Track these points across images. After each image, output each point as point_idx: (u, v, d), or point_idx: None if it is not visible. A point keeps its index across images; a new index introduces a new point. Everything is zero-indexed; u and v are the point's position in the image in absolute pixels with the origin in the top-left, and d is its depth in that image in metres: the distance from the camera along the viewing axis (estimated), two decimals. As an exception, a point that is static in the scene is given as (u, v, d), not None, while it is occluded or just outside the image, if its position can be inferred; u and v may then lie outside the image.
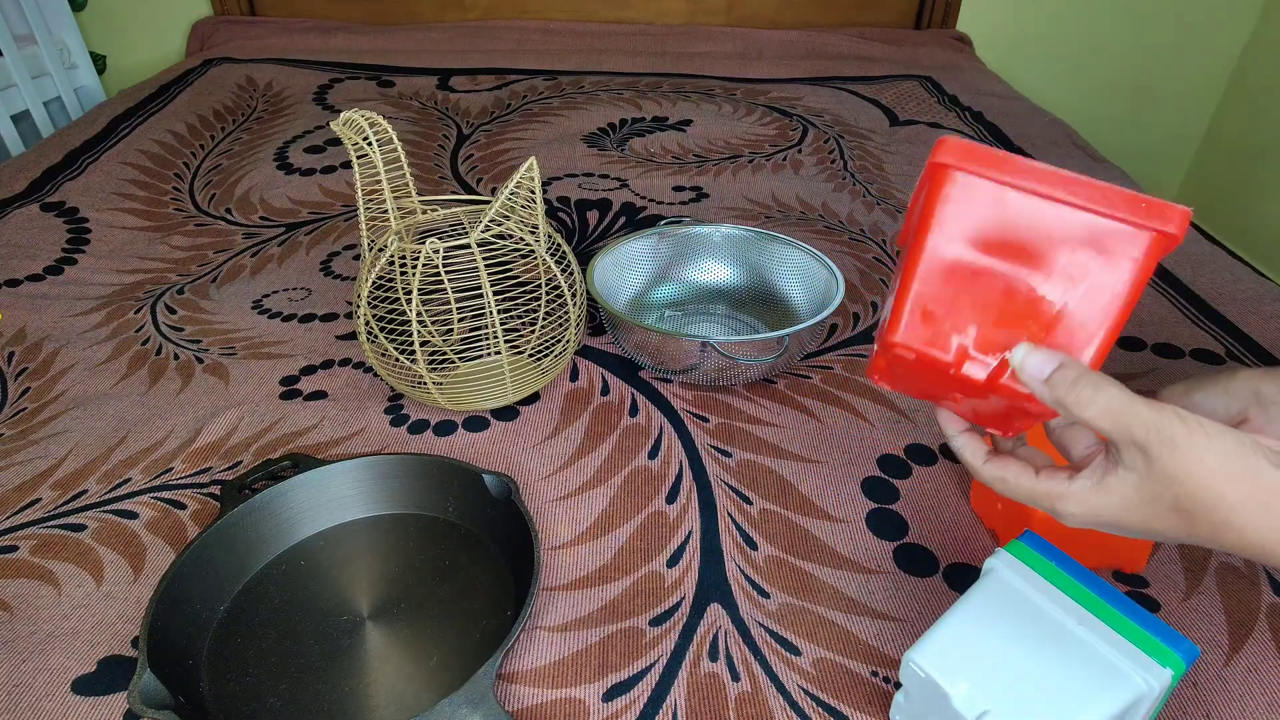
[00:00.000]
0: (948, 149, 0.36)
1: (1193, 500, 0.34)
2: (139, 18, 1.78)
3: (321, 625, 0.55)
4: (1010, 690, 0.41)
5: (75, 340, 0.83)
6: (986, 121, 1.41)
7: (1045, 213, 0.36)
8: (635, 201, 1.10)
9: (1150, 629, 0.43)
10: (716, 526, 0.63)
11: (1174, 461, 0.34)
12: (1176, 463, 0.34)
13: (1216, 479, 0.33)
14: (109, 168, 1.17)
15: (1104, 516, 0.37)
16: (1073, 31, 1.85)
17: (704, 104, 1.44)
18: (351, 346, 0.82)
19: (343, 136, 0.66)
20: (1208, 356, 0.81)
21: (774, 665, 0.53)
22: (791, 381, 0.78)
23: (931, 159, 0.37)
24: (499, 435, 0.71)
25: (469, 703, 0.46)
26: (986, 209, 0.36)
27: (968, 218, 0.37)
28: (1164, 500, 0.35)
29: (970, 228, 0.37)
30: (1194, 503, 0.34)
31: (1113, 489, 0.36)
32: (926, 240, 0.37)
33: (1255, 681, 0.52)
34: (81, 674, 0.52)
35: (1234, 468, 0.33)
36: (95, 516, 0.63)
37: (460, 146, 1.28)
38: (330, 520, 0.62)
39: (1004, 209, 0.36)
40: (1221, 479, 0.33)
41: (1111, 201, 0.35)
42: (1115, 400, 0.35)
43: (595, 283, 0.78)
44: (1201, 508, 0.34)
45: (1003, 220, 0.36)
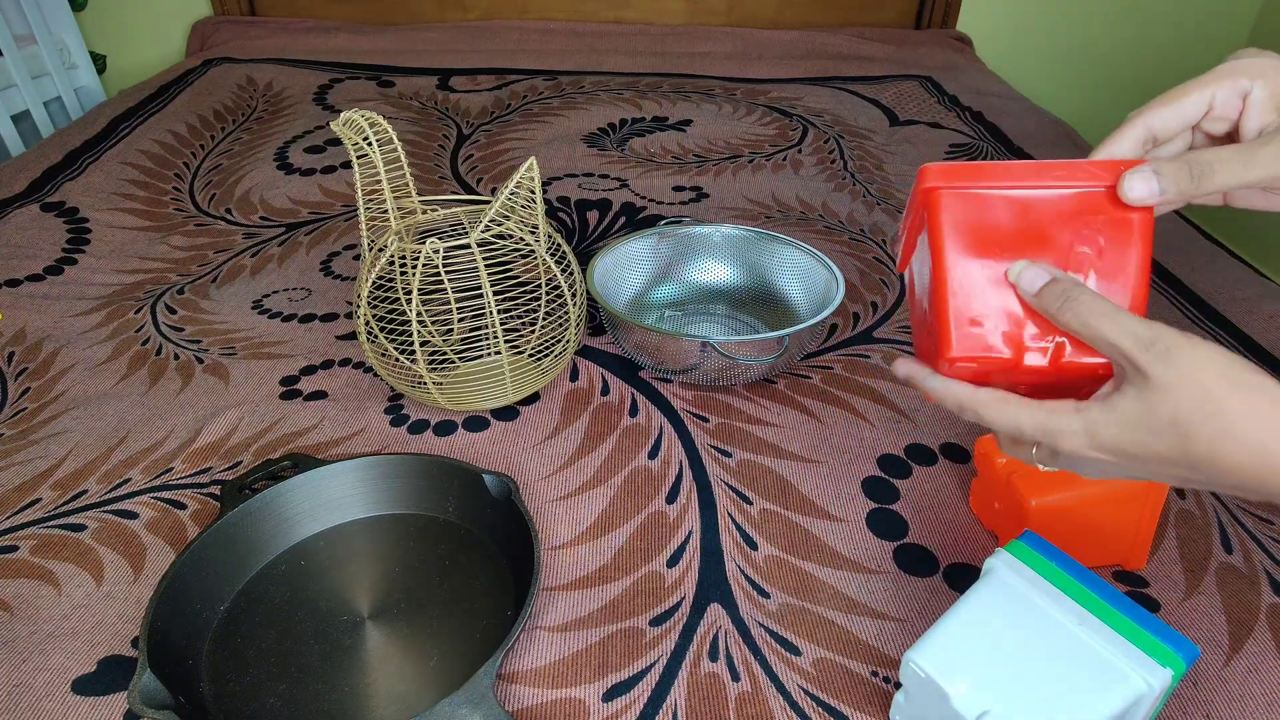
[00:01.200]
0: (931, 174, 0.39)
1: (1192, 408, 0.34)
2: (139, 18, 1.78)
3: (321, 625, 0.55)
4: (1010, 690, 0.41)
5: (75, 340, 0.83)
6: (986, 121, 1.41)
7: (1037, 202, 0.39)
8: (635, 201, 1.10)
9: (1150, 629, 0.43)
10: (716, 526, 0.63)
11: (1172, 373, 0.34)
12: (1175, 374, 0.34)
13: (1217, 387, 0.33)
14: (109, 168, 1.17)
15: (1104, 436, 0.36)
16: (1073, 31, 1.85)
17: (704, 104, 1.44)
18: (351, 346, 0.82)
19: (343, 136, 0.66)
20: (1208, 356, 0.81)
21: (774, 665, 0.53)
22: (791, 381, 0.78)
23: (919, 186, 0.40)
24: (499, 435, 0.71)
25: (469, 703, 0.46)
26: (984, 215, 0.39)
27: (972, 227, 0.39)
28: (1162, 413, 0.35)
29: (977, 235, 0.39)
30: (1193, 412, 0.34)
31: (1116, 404, 0.36)
32: (944, 259, 0.39)
33: (1255, 681, 0.52)
34: (81, 674, 0.52)
35: (1235, 378, 0.33)
36: (95, 516, 0.63)
37: (460, 146, 1.28)
38: (330, 520, 0.62)
39: (999, 210, 0.39)
40: (1222, 388, 0.33)
41: (1090, 173, 0.38)
42: (1102, 314, 0.36)
43: (595, 283, 0.78)
44: (1200, 416, 0.34)
45: (1003, 220, 0.39)
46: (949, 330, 0.39)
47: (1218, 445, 0.34)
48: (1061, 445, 0.38)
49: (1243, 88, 0.39)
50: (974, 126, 1.39)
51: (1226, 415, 0.33)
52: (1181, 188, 0.37)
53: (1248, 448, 0.33)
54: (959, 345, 0.39)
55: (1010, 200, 0.39)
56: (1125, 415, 0.36)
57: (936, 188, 0.39)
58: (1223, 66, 0.39)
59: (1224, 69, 0.39)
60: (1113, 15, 1.83)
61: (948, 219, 0.39)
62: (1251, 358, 0.81)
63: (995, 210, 0.39)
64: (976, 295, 0.39)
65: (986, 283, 0.39)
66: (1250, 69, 0.38)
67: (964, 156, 1.28)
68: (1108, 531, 0.57)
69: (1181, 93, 0.40)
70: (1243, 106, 0.39)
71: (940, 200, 0.39)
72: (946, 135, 1.35)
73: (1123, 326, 0.36)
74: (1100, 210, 0.38)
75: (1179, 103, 0.40)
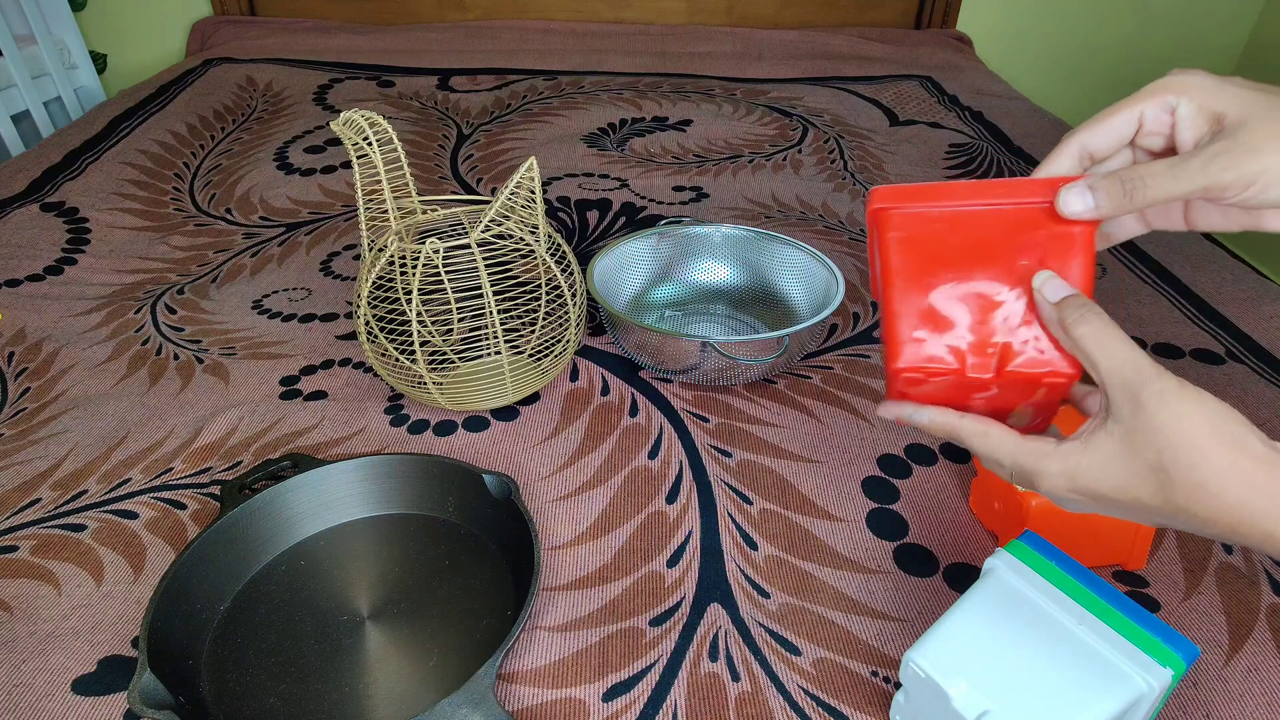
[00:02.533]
0: (879, 196, 0.41)
1: (1175, 457, 0.34)
2: (139, 18, 1.78)
3: (321, 625, 0.55)
4: (1010, 690, 0.41)
5: (75, 340, 0.83)
6: (986, 121, 1.41)
7: (979, 218, 0.40)
8: (635, 201, 1.10)
9: (1150, 629, 0.43)
10: (716, 526, 0.63)
11: (1162, 415, 0.34)
12: (1165, 416, 0.34)
13: (1203, 438, 0.34)
14: (109, 168, 1.17)
15: (1083, 479, 0.37)
16: (1073, 31, 1.85)
17: (704, 104, 1.44)
18: (351, 346, 0.82)
19: (342, 136, 0.66)
20: (1208, 356, 0.81)
21: (774, 665, 0.53)
22: (791, 381, 0.78)
23: (868, 208, 0.42)
24: (499, 435, 0.71)
25: (469, 703, 0.46)
26: (929, 232, 0.41)
27: (916, 244, 0.41)
28: (1146, 456, 0.35)
29: (922, 252, 0.41)
30: (1176, 461, 0.34)
31: (1099, 445, 0.37)
32: (892, 275, 0.41)
33: (1255, 681, 0.52)
34: (81, 674, 0.52)
35: (1221, 432, 0.34)
36: (95, 516, 0.63)
37: (460, 146, 1.28)
38: (330, 520, 0.62)
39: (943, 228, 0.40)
40: (1208, 440, 0.34)
41: (1032, 190, 0.39)
42: (1113, 339, 0.37)
43: (595, 283, 0.78)
44: (1182, 467, 0.34)
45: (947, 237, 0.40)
46: (896, 343, 0.41)
47: (1197, 495, 0.34)
48: (1041, 485, 0.39)
49: (1169, 103, 0.40)
50: (974, 126, 1.39)
51: (1208, 467, 0.34)
52: (1115, 201, 0.38)
53: (1225, 502, 0.34)
54: (905, 357, 0.41)
55: (953, 217, 0.40)
56: (1107, 456, 0.36)
57: (882, 208, 0.41)
58: (1151, 84, 0.41)
59: (1151, 86, 0.41)
60: (1112, 15, 1.83)
61: (893, 237, 0.41)
62: (1251, 358, 0.81)
63: (939, 227, 0.40)
64: (921, 309, 0.40)
65: (931, 297, 0.40)
66: (1176, 85, 0.40)
67: (964, 156, 1.28)
68: (1108, 531, 0.57)
69: (1112, 111, 0.41)
70: (1173, 121, 0.40)
71: (886, 219, 0.41)
72: (946, 135, 1.35)
73: (1133, 356, 0.36)
74: (1041, 225, 0.39)
75: (1110, 121, 0.41)
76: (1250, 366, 0.80)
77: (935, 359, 0.40)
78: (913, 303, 0.40)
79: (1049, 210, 0.39)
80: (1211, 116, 0.39)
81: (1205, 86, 0.39)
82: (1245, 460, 0.33)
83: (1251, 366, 0.80)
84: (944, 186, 0.40)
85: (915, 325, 0.40)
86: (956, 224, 0.40)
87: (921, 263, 0.40)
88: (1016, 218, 0.40)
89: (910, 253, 0.41)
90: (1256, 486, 0.33)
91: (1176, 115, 0.40)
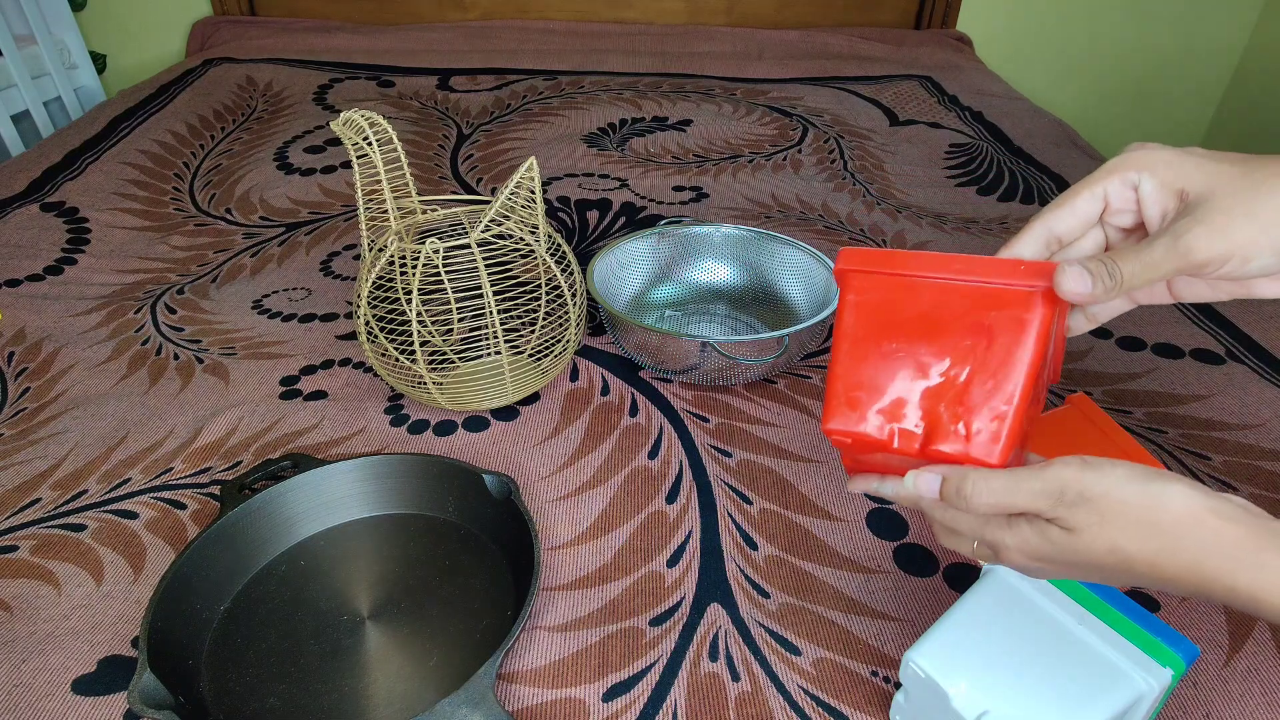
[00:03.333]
0: (844, 258, 0.42)
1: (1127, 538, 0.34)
2: (139, 18, 1.78)
3: (321, 625, 0.55)
4: (1010, 690, 0.41)
5: (75, 340, 0.83)
6: (986, 121, 1.41)
7: (937, 292, 0.40)
8: (635, 201, 1.10)
9: (1150, 629, 0.43)
10: (716, 526, 0.63)
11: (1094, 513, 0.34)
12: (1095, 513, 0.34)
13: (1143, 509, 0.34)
14: (109, 168, 1.17)
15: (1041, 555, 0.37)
16: (1073, 32, 1.85)
17: (704, 104, 1.44)
18: (351, 346, 0.82)
19: (342, 136, 0.66)
20: (1208, 356, 0.81)
21: (774, 665, 0.53)
22: (791, 381, 0.78)
23: (835, 267, 0.42)
24: (499, 435, 0.71)
25: (469, 703, 0.46)
26: (884, 298, 0.41)
27: (870, 309, 0.41)
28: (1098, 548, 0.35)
29: (874, 317, 0.41)
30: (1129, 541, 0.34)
31: (1049, 535, 0.36)
32: (841, 336, 0.41)
33: (1255, 681, 0.52)
34: (81, 674, 0.52)
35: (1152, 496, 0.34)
36: (95, 516, 0.63)
37: (460, 146, 1.28)
38: (330, 520, 0.62)
39: (900, 296, 0.40)
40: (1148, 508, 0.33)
41: (993, 270, 0.39)
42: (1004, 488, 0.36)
43: (595, 283, 0.78)
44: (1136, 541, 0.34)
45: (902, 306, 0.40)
46: (830, 402, 0.41)
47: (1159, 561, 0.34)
48: (1001, 558, 0.38)
49: (1131, 180, 0.39)
50: (974, 126, 1.39)
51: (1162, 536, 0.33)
52: (1106, 285, 0.37)
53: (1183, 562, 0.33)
54: (835, 418, 0.41)
55: (912, 286, 0.40)
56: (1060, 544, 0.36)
57: (845, 269, 0.41)
58: (1111, 162, 0.40)
59: (1111, 164, 0.40)
60: (1113, 16, 1.83)
61: (850, 300, 0.41)
62: (1251, 358, 0.81)
63: (897, 296, 0.40)
64: (861, 373, 0.40)
65: (873, 362, 0.40)
66: (1138, 161, 0.39)
67: (964, 156, 1.28)
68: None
69: (1074, 194, 0.41)
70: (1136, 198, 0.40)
71: (846, 282, 0.41)
72: (946, 135, 1.35)
73: (1029, 492, 0.35)
74: (995, 306, 0.38)
75: (1073, 203, 0.41)
76: (1250, 367, 0.80)
77: (864, 426, 0.40)
78: (855, 367, 0.41)
79: (1006, 291, 0.38)
80: (1175, 192, 0.38)
81: (1166, 161, 0.39)
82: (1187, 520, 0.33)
83: (1251, 367, 0.80)
84: (913, 256, 0.40)
85: (852, 389, 0.40)
86: (914, 294, 0.40)
87: (873, 328, 0.40)
88: (974, 295, 0.39)
89: (863, 317, 0.41)
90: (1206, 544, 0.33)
91: (1140, 193, 0.39)
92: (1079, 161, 1.26)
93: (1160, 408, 0.75)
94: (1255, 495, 0.66)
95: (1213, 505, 0.33)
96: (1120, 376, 0.79)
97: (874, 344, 0.40)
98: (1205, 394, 0.76)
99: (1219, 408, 0.75)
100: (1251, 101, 1.85)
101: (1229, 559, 0.32)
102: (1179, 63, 1.89)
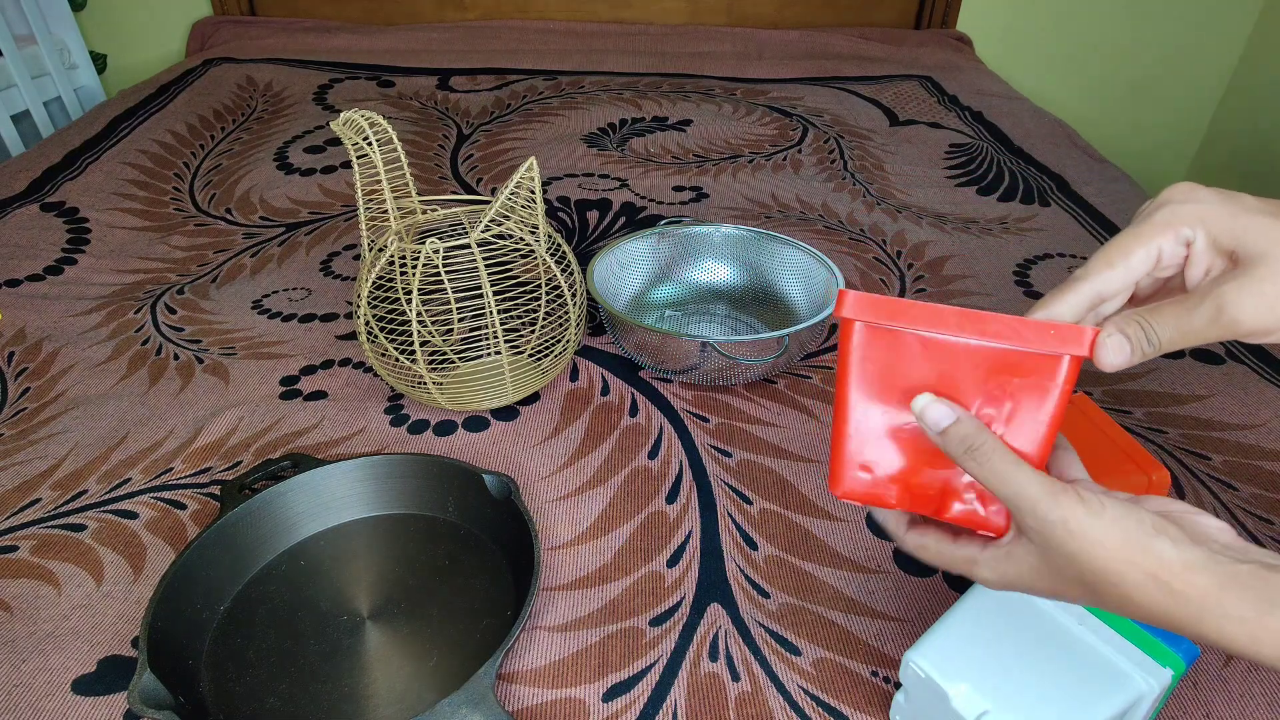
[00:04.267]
0: (849, 304, 0.37)
1: (1095, 577, 0.34)
2: (139, 18, 1.77)
3: (321, 625, 0.55)
4: (1010, 690, 0.41)
5: (75, 340, 0.83)
6: (986, 121, 1.41)
7: (953, 350, 0.37)
8: (635, 201, 1.10)
9: (1150, 629, 0.43)
10: (716, 526, 0.63)
11: (1072, 544, 0.33)
12: (1074, 546, 0.33)
13: (1116, 561, 0.33)
14: (109, 168, 1.17)
15: (1016, 583, 0.37)
16: (1073, 31, 1.85)
17: (704, 104, 1.44)
18: (351, 346, 0.82)
19: (342, 136, 0.66)
20: (1208, 356, 0.81)
21: (774, 665, 0.53)
22: (791, 381, 0.78)
23: (837, 311, 0.38)
24: (499, 435, 0.71)
25: (469, 703, 0.46)
26: (895, 355, 0.37)
27: (880, 366, 0.38)
28: (1067, 574, 0.34)
29: (884, 375, 0.38)
30: (1096, 579, 0.34)
31: (1020, 558, 0.36)
32: (847, 394, 0.38)
33: (1255, 681, 0.52)
34: (81, 674, 0.52)
35: (1134, 550, 0.33)
36: (95, 516, 0.63)
37: (460, 146, 1.28)
38: (330, 520, 0.62)
39: (911, 352, 0.37)
40: (1122, 561, 0.33)
41: (1018, 333, 0.36)
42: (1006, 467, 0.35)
43: (595, 283, 0.78)
44: (1104, 584, 0.34)
45: (913, 364, 0.37)
46: (840, 468, 0.39)
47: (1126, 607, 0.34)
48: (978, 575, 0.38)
49: (1185, 236, 0.37)
50: (974, 126, 1.39)
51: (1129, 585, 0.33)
52: (1144, 352, 0.37)
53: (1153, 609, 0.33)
54: (846, 485, 0.39)
55: (925, 344, 0.37)
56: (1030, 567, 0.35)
57: (851, 320, 0.37)
58: (1162, 214, 0.38)
59: (1164, 218, 0.38)
60: (1112, 15, 1.83)
61: (856, 353, 0.38)
62: (1251, 358, 0.81)
63: (907, 352, 0.37)
64: (872, 438, 0.38)
65: (885, 426, 0.38)
66: (1190, 216, 0.37)
67: (964, 156, 1.28)
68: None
69: (1126, 252, 0.38)
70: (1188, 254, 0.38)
71: (852, 332, 0.38)
72: (946, 135, 1.35)
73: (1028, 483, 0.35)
74: (1018, 372, 0.36)
75: (1126, 263, 0.38)
76: (1250, 367, 0.80)
77: (877, 494, 0.39)
78: (865, 426, 0.38)
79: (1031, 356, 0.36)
80: (1225, 252, 0.36)
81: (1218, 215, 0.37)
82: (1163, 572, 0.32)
83: (1251, 367, 0.80)
84: (921, 307, 0.37)
85: (861, 452, 0.38)
86: (929, 353, 0.37)
87: (882, 386, 0.38)
88: (998, 359, 0.36)
89: (871, 373, 0.38)
90: (1176, 596, 0.32)
91: (1193, 248, 0.37)
92: (1079, 161, 1.26)
93: (1160, 408, 0.75)
94: (1255, 495, 0.66)
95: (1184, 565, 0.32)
96: (1120, 376, 0.79)
97: (883, 403, 0.38)
98: (1205, 394, 0.76)
99: (1219, 408, 0.75)
100: (1251, 101, 1.85)
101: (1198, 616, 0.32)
102: (1179, 63, 1.88)
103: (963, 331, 0.36)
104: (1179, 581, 0.32)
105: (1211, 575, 0.32)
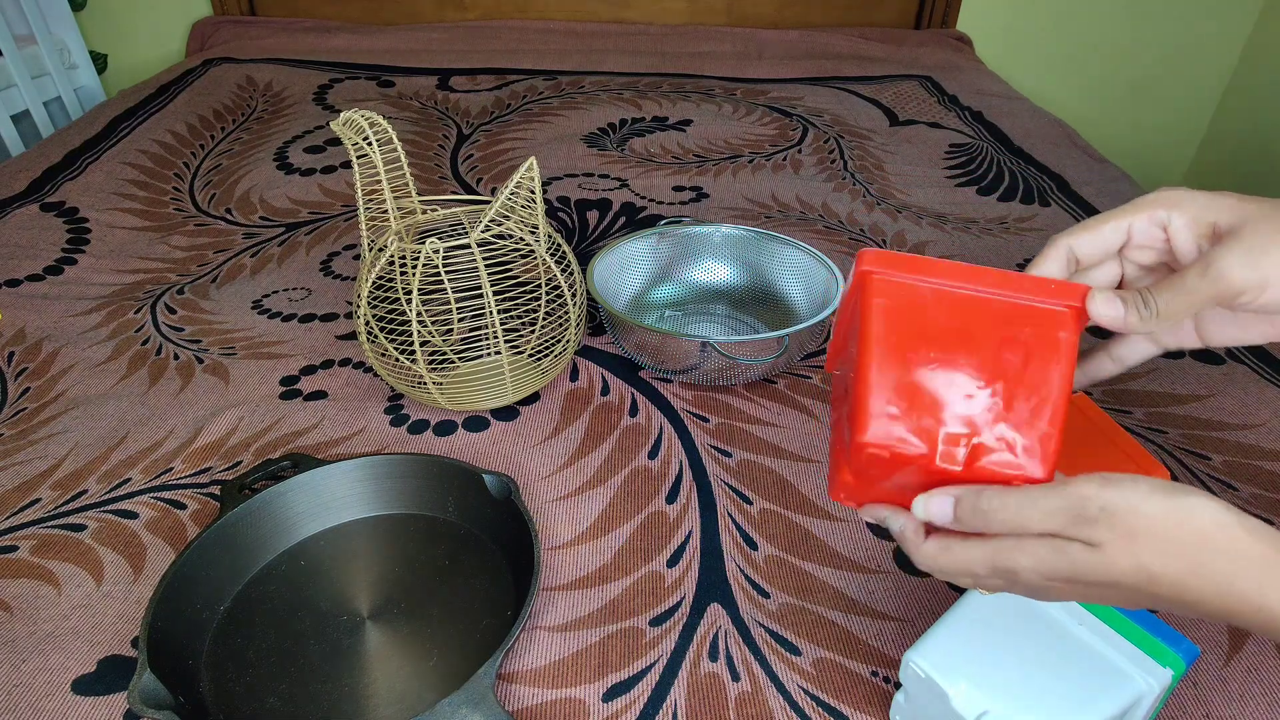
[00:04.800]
0: (868, 258, 0.39)
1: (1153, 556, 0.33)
2: (139, 18, 1.78)
3: (321, 625, 0.55)
4: (1010, 690, 0.41)
5: (75, 340, 0.83)
6: (986, 121, 1.41)
7: (968, 304, 0.39)
8: (635, 201, 1.10)
9: (1150, 629, 0.43)
10: (716, 526, 0.63)
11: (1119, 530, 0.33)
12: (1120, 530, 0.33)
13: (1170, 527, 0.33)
14: (109, 168, 1.17)
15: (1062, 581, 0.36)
16: (1073, 31, 1.85)
17: (704, 104, 1.44)
18: (351, 346, 0.82)
19: (342, 136, 0.66)
20: (1208, 356, 0.81)
21: (774, 665, 0.53)
22: (791, 381, 0.78)
23: (857, 268, 0.40)
24: (499, 435, 0.71)
25: (469, 703, 0.46)
26: (916, 307, 0.39)
27: (902, 318, 0.39)
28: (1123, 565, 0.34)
29: (907, 326, 0.39)
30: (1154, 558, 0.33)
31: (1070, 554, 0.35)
32: (871, 344, 0.39)
33: (1255, 681, 0.52)
34: (81, 674, 0.52)
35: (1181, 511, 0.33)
36: (95, 516, 0.63)
37: (460, 146, 1.28)
38: (330, 520, 0.62)
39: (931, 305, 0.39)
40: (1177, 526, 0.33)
41: (1023, 286, 0.38)
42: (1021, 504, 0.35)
43: (595, 283, 0.78)
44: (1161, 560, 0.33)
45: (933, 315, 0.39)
46: (865, 414, 0.38)
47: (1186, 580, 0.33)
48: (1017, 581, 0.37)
49: (1160, 218, 0.40)
50: (974, 126, 1.39)
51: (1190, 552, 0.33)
52: (1141, 314, 0.38)
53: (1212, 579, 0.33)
54: (874, 432, 0.38)
55: (942, 296, 0.39)
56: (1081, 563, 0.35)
57: (871, 272, 0.39)
58: (1140, 199, 0.41)
59: (1140, 200, 0.40)
60: (1112, 15, 1.83)
61: (878, 304, 0.39)
62: (1251, 358, 0.81)
63: (927, 304, 0.39)
64: (899, 384, 0.38)
65: (909, 374, 0.38)
66: (1166, 199, 0.40)
67: (964, 156, 1.28)
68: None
69: (1100, 221, 0.41)
70: (1166, 236, 0.40)
71: (874, 286, 0.39)
72: (946, 135, 1.35)
73: (1047, 509, 0.34)
74: (1029, 324, 0.38)
75: (1098, 229, 0.41)
76: (1250, 367, 0.80)
77: (905, 440, 0.38)
78: (890, 376, 0.38)
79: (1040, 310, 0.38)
80: (1208, 226, 0.38)
81: (1197, 200, 0.39)
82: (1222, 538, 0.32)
83: (1251, 367, 0.80)
84: (934, 263, 0.39)
85: (889, 400, 0.38)
86: (945, 304, 0.38)
87: (904, 337, 0.38)
88: (1007, 311, 0.38)
89: (894, 324, 0.39)
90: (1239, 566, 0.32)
91: (1170, 229, 0.40)
92: (1079, 161, 1.26)
93: (1160, 408, 0.75)
94: (1255, 495, 0.66)
95: (1242, 521, 0.32)
96: (1120, 376, 0.79)
97: (906, 354, 0.38)
98: (1205, 394, 0.76)
99: (1219, 408, 0.75)
100: (1251, 101, 1.85)
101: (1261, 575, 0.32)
102: (1179, 62, 1.88)
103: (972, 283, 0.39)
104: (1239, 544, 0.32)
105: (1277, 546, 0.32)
